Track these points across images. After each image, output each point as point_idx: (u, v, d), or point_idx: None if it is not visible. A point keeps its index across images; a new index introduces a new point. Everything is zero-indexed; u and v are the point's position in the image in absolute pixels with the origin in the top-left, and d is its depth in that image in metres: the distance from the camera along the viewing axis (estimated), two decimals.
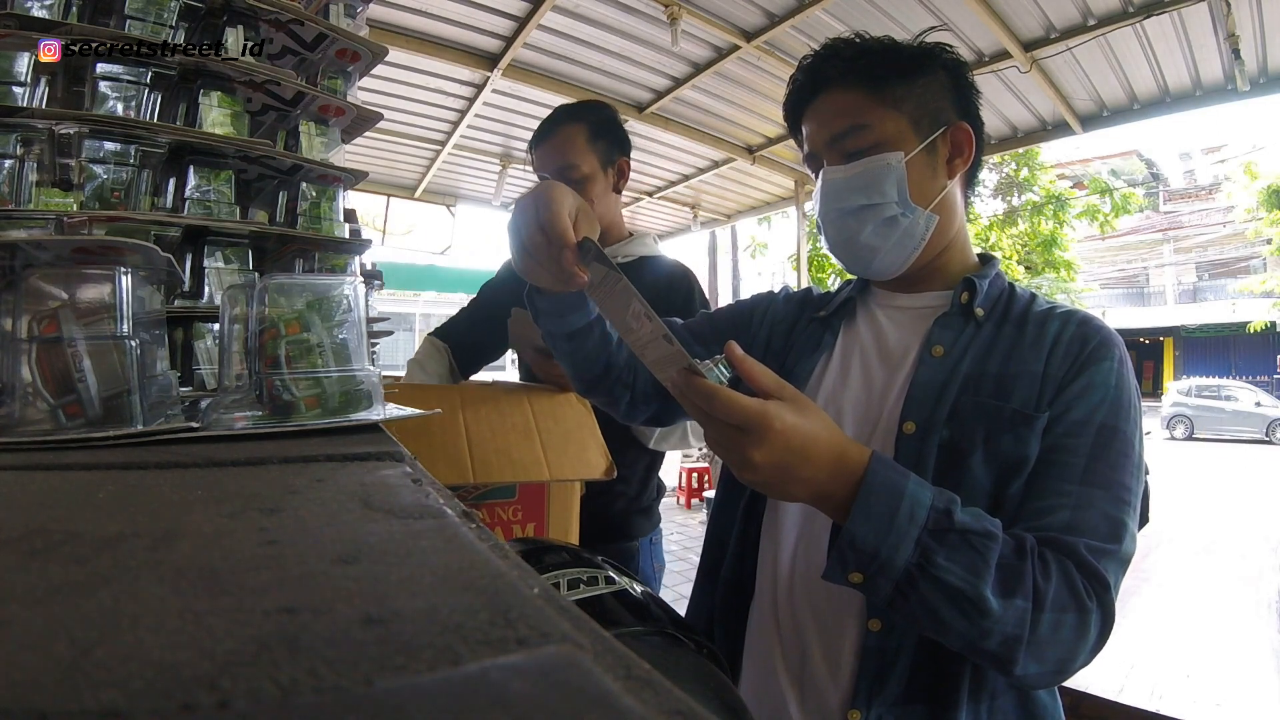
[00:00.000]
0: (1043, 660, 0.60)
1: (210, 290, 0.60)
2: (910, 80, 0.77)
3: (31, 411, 0.45)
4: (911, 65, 0.78)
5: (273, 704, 0.15)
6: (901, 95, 0.77)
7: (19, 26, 0.51)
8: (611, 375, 0.92)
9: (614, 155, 1.38)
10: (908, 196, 0.77)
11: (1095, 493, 0.66)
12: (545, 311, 0.85)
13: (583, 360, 0.90)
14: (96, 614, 0.19)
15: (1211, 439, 13.67)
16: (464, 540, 0.28)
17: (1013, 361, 0.74)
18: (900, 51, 0.78)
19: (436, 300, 14.32)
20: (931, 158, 0.78)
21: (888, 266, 0.81)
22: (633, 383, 0.94)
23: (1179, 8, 2.58)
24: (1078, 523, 0.64)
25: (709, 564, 0.89)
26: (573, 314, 0.85)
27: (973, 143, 0.79)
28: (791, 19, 2.79)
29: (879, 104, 0.77)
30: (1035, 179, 10.36)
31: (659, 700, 0.16)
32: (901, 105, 0.77)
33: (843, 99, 0.78)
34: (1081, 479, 0.66)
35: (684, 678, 0.52)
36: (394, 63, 3.05)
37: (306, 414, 0.53)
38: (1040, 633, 0.59)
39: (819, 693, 0.73)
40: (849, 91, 0.78)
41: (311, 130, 0.66)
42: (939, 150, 0.78)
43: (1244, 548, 2.78)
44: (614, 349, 0.91)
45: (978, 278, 0.80)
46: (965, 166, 0.80)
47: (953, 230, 0.82)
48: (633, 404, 0.95)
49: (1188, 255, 21.44)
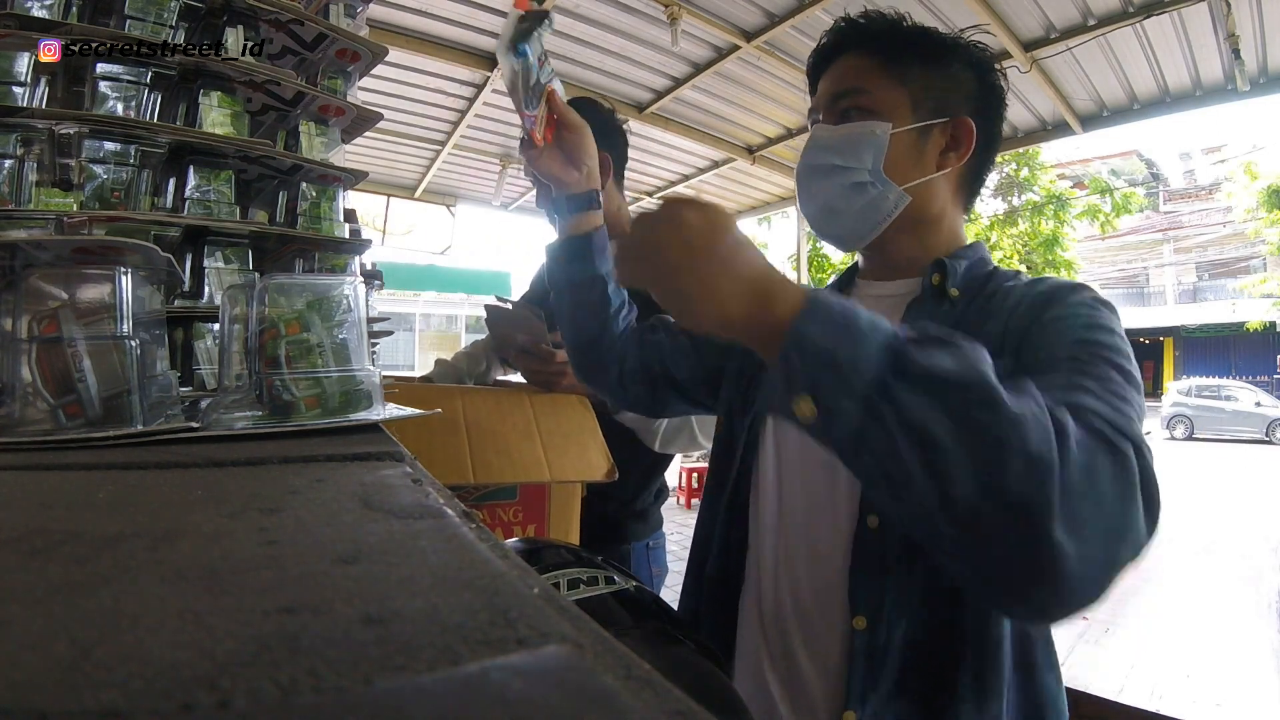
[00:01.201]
0: (1082, 531, 0.42)
1: (210, 290, 0.60)
2: (926, 64, 0.77)
3: (31, 411, 0.45)
4: (932, 50, 0.78)
5: (273, 704, 0.15)
6: (913, 74, 0.77)
7: (19, 26, 0.51)
8: (605, 342, 0.95)
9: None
10: (881, 168, 0.76)
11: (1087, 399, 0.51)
12: (553, 257, 0.94)
13: (583, 315, 0.94)
14: (96, 614, 0.19)
15: (1211, 439, 13.67)
16: (464, 540, 0.28)
17: (985, 328, 0.69)
18: (927, 35, 0.79)
19: (436, 300, 14.32)
20: (922, 141, 0.77)
21: (848, 233, 0.80)
22: (623, 358, 0.96)
23: (1179, 8, 2.58)
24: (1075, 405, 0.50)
25: (695, 561, 0.88)
26: (579, 262, 0.91)
27: (973, 140, 0.78)
28: (791, 19, 2.79)
29: (886, 75, 0.77)
30: (1035, 179, 10.36)
31: (659, 700, 0.16)
32: (908, 83, 0.77)
33: (856, 62, 0.79)
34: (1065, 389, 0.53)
35: (684, 678, 0.52)
36: (394, 63, 3.04)
37: (306, 414, 0.53)
38: (1071, 476, 0.43)
39: (808, 694, 0.71)
40: (864, 57, 0.78)
41: (311, 130, 0.66)
42: (933, 137, 0.78)
43: (1244, 548, 2.78)
44: (612, 314, 0.95)
45: (950, 259, 0.78)
46: (959, 162, 0.79)
47: (930, 218, 0.80)
48: (621, 381, 0.97)
49: (1188, 255, 21.44)
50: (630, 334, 0.98)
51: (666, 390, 0.97)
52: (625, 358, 0.96)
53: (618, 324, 0.96)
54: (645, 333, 0.97)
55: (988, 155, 0.82)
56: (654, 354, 0.95)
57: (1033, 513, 0.42)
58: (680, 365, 0.94)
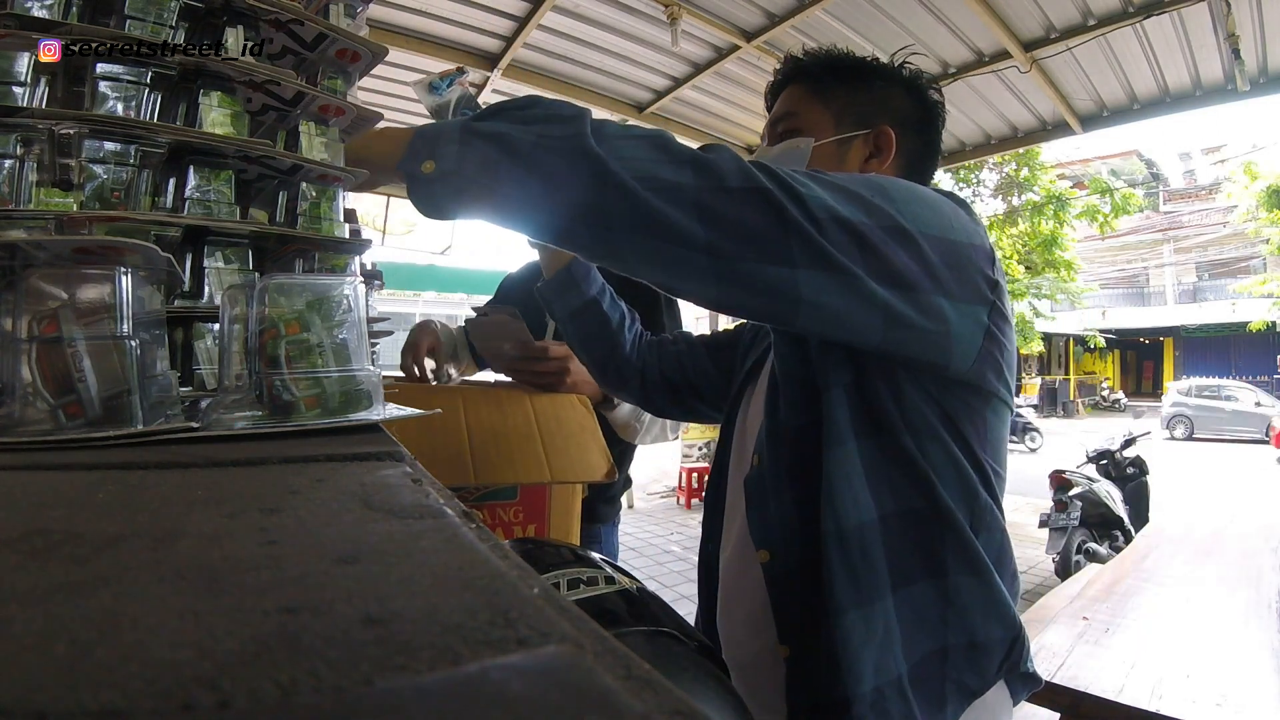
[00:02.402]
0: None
1: (210, 290, 0.60)
2: (849, 84, 0.87)
3: (31, 411, 0.45)
4: (851, 72, 0.88)
5: (273, 704, 0.15)
6: (836, 95, 0.87)
7: (19, 26, 0.51)
8: (619, 357, 1.05)
9: None
10: None
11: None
12: (546, 298, 1.03)
13: (591, 339, 1.04)
14: (96, 614, 0.19)
15: (1211, 439, 13.67)
16: (464, 540, 0.28)
17: None
18: (849, 61, 0.89)
19: (436, 300, 14.32)
20: (842, 151, 0.86)
21: None
22: (643, 370, 1.06)
23: (1179, 8, 2.58)
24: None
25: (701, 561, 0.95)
26: (569, 293, 1.02)
27: (893, 147, 0.85)
28: (791, 19, 2.79)
29: (813, 99, 0.88)
30: (1035, 179, 10.35)
31: (659, 700, 0.16)
32: (830, 103, 0.87)
33: (793, 91, 0.90)
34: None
35: (684, 678, 0.52)
36: (394, 63, 3.05)
37: (306, 414, 0.53)
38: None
39: (740, 644, 0.80)
40: (799, 87, 0.90)
41: (311, 130, 0.66)
42: (854, 147, 0.86)
43: (1244, 548, 2.77)
44: (615, 329, 1.04)
45: None
46: (881, 167, 0.86)
47: None
48: (645, 391, 1.07)
49: (1188, 255, 21.44)
50: (649, 346, 1.08)
51: (693, 400, 1.07)
52: (645, 369, 1.06)
53: (625, 337, 1.05)
54: (666, 344, 1.08)
55: (926, 162, 0.89)
56: (674, 366, 1.06)
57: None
58: (702, 376, 1.05)
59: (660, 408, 1.11)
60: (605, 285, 1.05)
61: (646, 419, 1.40)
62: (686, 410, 1.10)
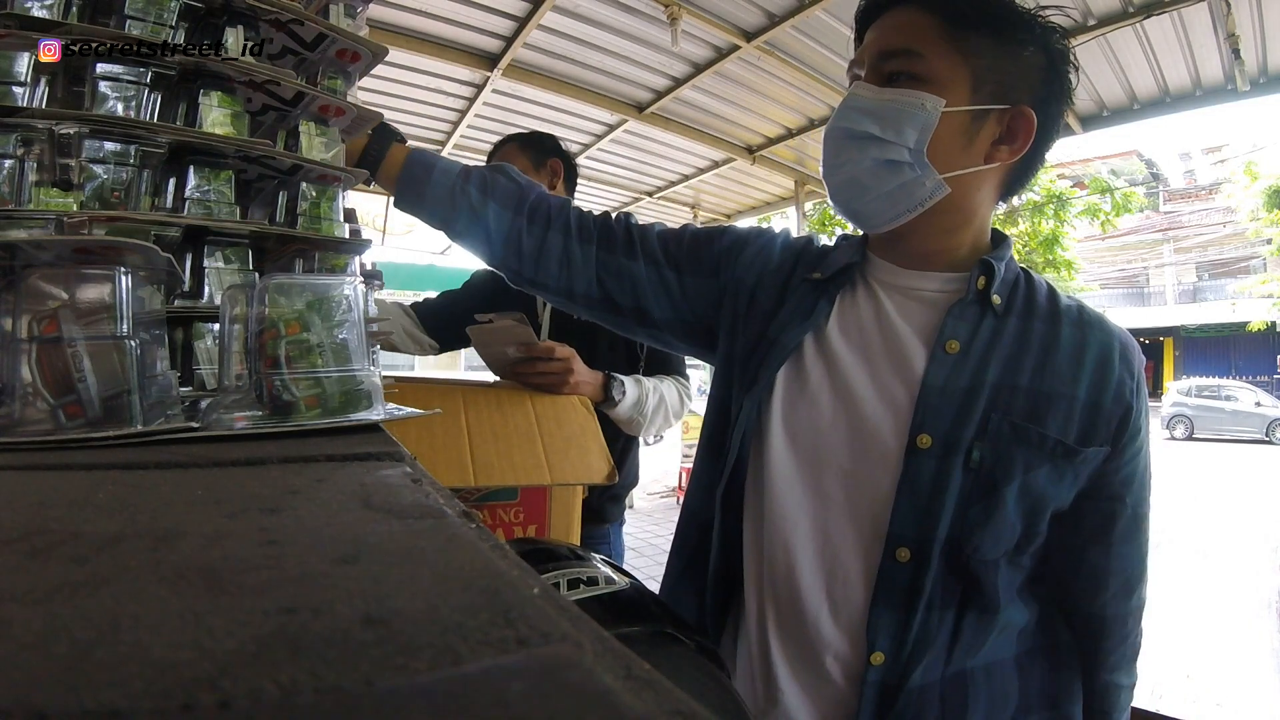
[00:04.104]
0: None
1: (210, 290, 0.60)
2: (997, 37, 0.67)
3: (31, 411, 0.45)
4: (1006, 21, 0.68)
5: (273, 704, 0.15)
6: (978, 46, 0.67)
7: (19, 26, 0.51)
8: (523, 242, 0.86)
9: (544, 158, 1.55)
10: (924, 149, 0.67)
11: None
12: (429, 222, 0.92)
13: (481, 240, 0.87)
14: (96, 614, 0.19)
15: (1211, 439, 13.66)
16: (464, 540, 0.28)
17: (1046, 377, 0.66)
18: (1002, 6, 0.68)
19: None
20: (974, 127, 0.68)
21: (872, 214, 0.72)
22: (572, 277, 0.86)
23: (1179, 8, 2.58)
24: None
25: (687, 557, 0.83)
26: (437, 208, 0.89)
27: (1031, 135, 0.69)
28: (791, 19, 2.79)
29: (948, 41, 0.66)
30: (1036, 178, 10.33)
31: (659, 700, 0.16)
32: (970, 56, 0.67)
33: (915, 18, 0.68)
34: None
35: (684, 678, 0.52)
36: (394, 63, 3.05)
37: (306, 414, 0.53)
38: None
39: (822, 652, 0.68)
40: (925, 14, 0.68)
41: (311, 130, 0.66)
42: (988, 124, 0.69)
43: (1244, 548, 2.77)
44: (491, 221, 0.86)
45: (994, 259, 0.72)
46: (1011, 158, 0.70)
47: (964, 212, 0.73)
48: (570, 299, 0.88)
49: (1188, 255, 21.44)
50: (587, 249, 0.85)
51: (631, 323, 0.88)
52: (574, 279, 0.85)
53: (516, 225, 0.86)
54: (617, 254, 0.85)
55: (1040, 151, 0.74)
56: (626, 285, 0.84)
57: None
58: (661, 304, 0.85)
59: (589, 315, 0.90)
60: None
61: (649, 412, 1.38)
62: (622, 330, 0.92)
